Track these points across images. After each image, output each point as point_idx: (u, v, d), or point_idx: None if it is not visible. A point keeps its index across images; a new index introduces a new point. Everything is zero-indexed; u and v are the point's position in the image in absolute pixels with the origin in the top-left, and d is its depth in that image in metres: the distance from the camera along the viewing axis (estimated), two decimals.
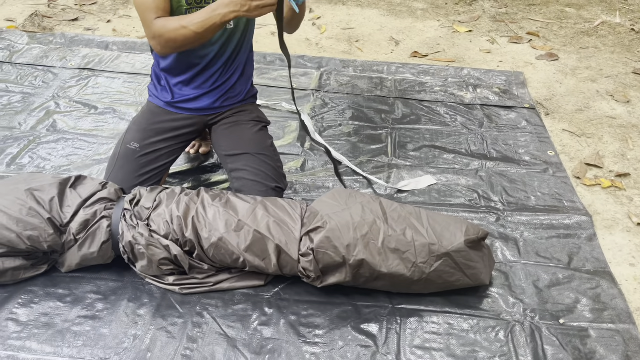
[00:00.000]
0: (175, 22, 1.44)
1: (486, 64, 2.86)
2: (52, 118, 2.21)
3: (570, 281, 1.58)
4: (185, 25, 1.42)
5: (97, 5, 3.30)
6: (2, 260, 1.45)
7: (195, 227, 1.45)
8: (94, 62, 2.62)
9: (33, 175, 1.54)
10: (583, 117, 2.41)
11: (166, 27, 1.45)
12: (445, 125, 2.30)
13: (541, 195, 1.91)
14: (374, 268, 1.42)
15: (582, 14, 3.45)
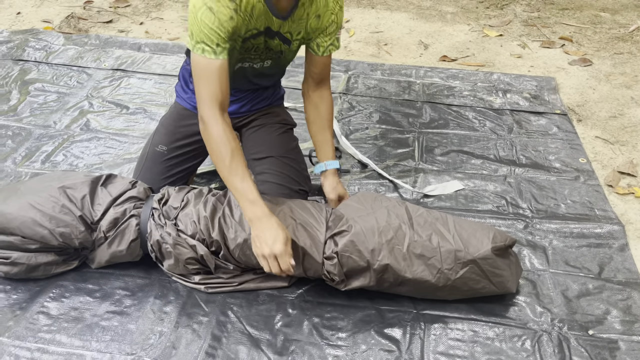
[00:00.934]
0: (226, 151, 1.35)
1: (517, 68, 2.82)
2: (85, 117, 2.27)
3: (601, 291, 1.54)
4: (228, 167, 1.34)
5: (130, 7, 3.38)
6: (35, 255, 1.49)
7: (221, 227, 1.46)
8: (126, 63, 2.67)
9: (66, 173, 1.58)
10: (617, 124, 2.35)
11: (218, 141, 1.35)
12: (474, 130, 2.27)
13: (571, 203, 1.87)
14: (398, 273, 1.41)
15: (616, 18, 3.37)
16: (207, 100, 1.37)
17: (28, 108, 2.32)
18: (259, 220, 1.32)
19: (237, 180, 1.34)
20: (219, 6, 1.32)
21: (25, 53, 2.73)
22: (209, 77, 1.36)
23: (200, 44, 1.35)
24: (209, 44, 1.34)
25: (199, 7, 1.32)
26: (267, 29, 1.47)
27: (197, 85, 1.39)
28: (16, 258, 1.47)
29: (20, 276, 1.50)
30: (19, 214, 1.44)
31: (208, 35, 1.33)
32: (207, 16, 1.32)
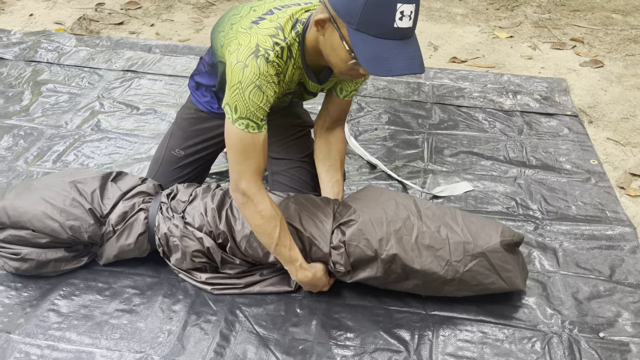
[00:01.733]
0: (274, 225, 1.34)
1: (527, 70, 2.81)
2: (96, 117, 2.28)
3: (612, 294, 1.53)
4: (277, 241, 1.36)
5: (141, 9, 3.40)
6: (44, 251, 1.50)
7: (228, 219, 1.47)
8: (137, 64, 2.69)
9: (78, 170, 1.60)
10: (628, 126, 2.33)
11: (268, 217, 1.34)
12: (483, 132, 2.26)
13: (582, 205, 1.85)
14: (406, 264, 1.40)
15: (628, 20, 3.35)
16: (250, 175, 1.32)
17: (40, 108, 2.34)
18: (310, 279, 1.43)
19: (286, 251, 1.38)
20: (267, 83, 1.25)
21: (37, 54, 2.76)
22: (252, 152, 1.30)
23: (245, 119, 1.27)
24: (255, 120, 1.28)
25: (246, 85, 1.24)
26: (300, 84, 1.44)
27: (238, 158, 1.31)
28: (26, 254, 1.49)
29: (30, 272, 1.51)
30: (31, 207, 1.46)
31: (254, 113, 1.27)
32: (256, 95, 1.25)
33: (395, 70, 1.14)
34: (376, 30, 1.13)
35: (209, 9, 3.43)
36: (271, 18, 1.31)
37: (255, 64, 1.24)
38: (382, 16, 1.11)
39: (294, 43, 1.30)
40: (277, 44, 1.27)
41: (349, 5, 1.13)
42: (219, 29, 1.46)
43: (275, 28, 1.29)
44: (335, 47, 1.21)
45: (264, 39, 1.27)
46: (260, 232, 1.37)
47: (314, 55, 1.33)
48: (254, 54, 1.24)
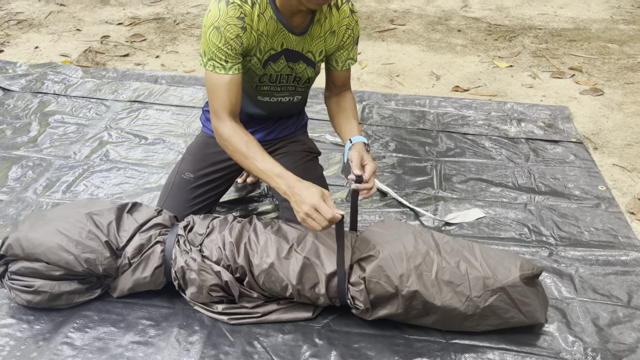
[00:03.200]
0: (241, 143, 1.42)
1: (529, 98, 2.85)
2: (104, 148, 2.28)
3: (631, 320, 1.52)
4: (246, 155, 1.41)
5: (146, 41, 3.44)
6: (58, 284, 1.48)
7: (247, 253, 1.45)
8: (143, 95, 2.71)
9: (92, 201, 1.58)
10: (633, 152, 2.36)
11: (230, 138, 1.43)
12: (491, 159, 2.28)
13: (595, 231, 1.86)
14: (427, 300, 1.39)
15: (624, 49, 3.43)
16: (217, 111, 1.45)
17: (48, 139, 2.34)
18: (292, 187, 1.36)
19: (259, 163, 1.40)
20: (226, 25, 1.38)
21: (44, 86, 2.77)
22: (218, 90, 1.43)
23: (210, 61, 1.42)
24: (218, 60, 1.41)
25: (208, 27, 1.39)
26: (286, 50, 1.49)
27: (210, 99, 1.47)
28: (39, 286, 1.46)
29: (43, 305, 1.49)
30: (45, 239, 1.44)
31: (216, 53, 1.40)
32: (214, 35, 1.39)
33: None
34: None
35: None
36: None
37: (217, 7, 1.38)
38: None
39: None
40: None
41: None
42: None
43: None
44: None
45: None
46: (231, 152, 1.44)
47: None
48: (217, 0, 1.38)
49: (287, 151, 1.72)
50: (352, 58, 1.60)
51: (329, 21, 1.50)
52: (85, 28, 3.64)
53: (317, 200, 1.31)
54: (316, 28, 1.49)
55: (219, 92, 1.44)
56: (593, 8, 4.16)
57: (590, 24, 3.83)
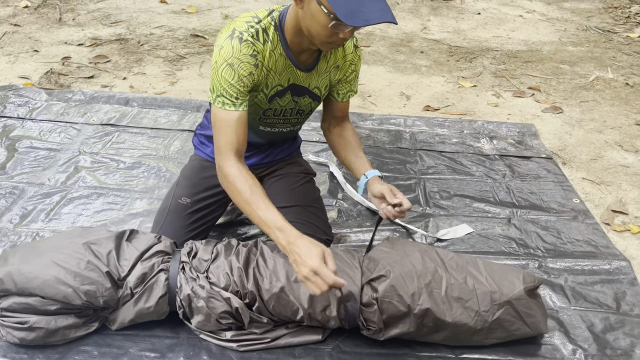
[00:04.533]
0: (245, 187, 1.34)
1: (496, 116, 2.97)
2: (80, 173, 2.19)
3: (623, 325, 1.59)
4: (249, 201, 1.33)
5: (111, 63, 3.35)
6: (54, 318, 1.40)
7: (256, 278, 1.43)
8: (115, 118, 2.63)
9: (87, 229, 1.51)
10: (598, 166, 2.50)
11: (235, 180, 1.36)
12: (470, 175, 2.36)
13: (576, 242, 1.95)
14: (438, 317, 1.41)
15: (576, 70, 3.65)
16: (222, 148, 1.40)
17: (18, 165, 2.22)
18: (292, 244, 1.26)
19: (261, 212, 1.32)
20: (239, 62, 1.36)
21: (6, 109, 2.64)
22: (226, 127, 1.40)
23: (220, 97, 1.39)
24: (229, 97, 1.38)
25: (220, 64, 1.36)
26: (292, 86, 1.50)
27: (216, 135, 1.42)
28: (34, 322, 1.38)
29: (38, 342, 1.40)
30: (41, 272, 1.36)
31: (227, 90, 1.38)
32: (227, 72, 1.36)
33: (371, 20, 1.23)
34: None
35: (180, 62, 3.43)
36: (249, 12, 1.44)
37: (230, 44, 1.36)
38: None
39: (270, 26, 1.40)
40: (252, 26, 1.38)
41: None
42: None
43: (252, 16, 1.41)
44: (315, 14, 1.28)
45: (241, 24, 1.38)
46: (233, 195, 1.37)
47: (295, 37, 1.41)
48: (229, 37, 1.36)
49: (283, 173, 1.72)
50: (353, 90, 1.63)
51: (334, 56, 1.53)
52: (44, 49, 3.50)
53: (317, 263, 1.21)
54: (322, 64, 1.51)
55: (227, 130, 1.39)
56: (541, 31, 4.41)
57: (542, 46, 4.06)
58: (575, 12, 4.90)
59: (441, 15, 4.64)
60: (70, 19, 4.04)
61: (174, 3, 4.52)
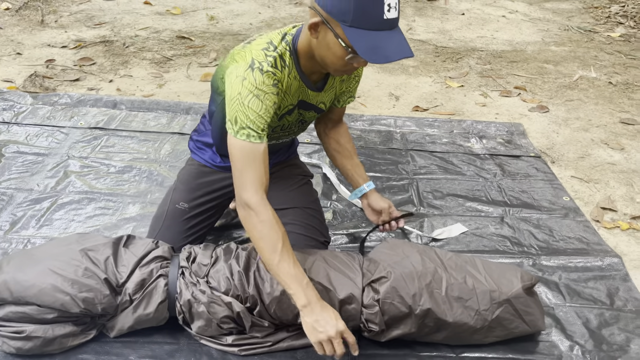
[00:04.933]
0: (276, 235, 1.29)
1: (484, 116, 3.00)
2: (70, 178, 2.16)
3: (617, 321, 1.62)
4: (276, 250, 1.28)
5: (96, 65, 3.30)
6: (51, 327, 1.37)
7: (257, 282, 1.42)
8: (104, 121, 2.59)
9: (83, 236, 1.49)
10: (586, 164, 2.54)
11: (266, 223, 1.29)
12: (462, 175, 2.38)
13: (568, 239, 1.98)
14: (439, 317, 1.42)
15: (560, 69, 3.70)
16: (252, 185, 1.31)
17: (5, 171, 2.18)
18: (315, 304, 1.28)
19: (290, 266, 1.29)
20: (265, 93, 1.31)
21: None
22: (254, 162, 1.31)
23: (246, 129, 1.31)
24: (255, 129, 1.31)
25: (245, 95, 1.30)
26: (300, 102, 1.49)
27: (241, 170, 1.32)
28: (31, 331, 1.35)
29: (34, 352, 1.37)
30: (37, 280, 1.34)
31: (255, 122, 1.31)
32: (254, 103, 1.30)
33: (391, 56, 1.22)
34: (368, 24, 1.21)
35: (167, 64, 3.40)
36: (261, 36, 1.40)
37: (252, 76, 1.31)
38: (372, 10, 1.20)
39: (285, 52, 1.37)
40: (270, 55, 1.34)
41: (341, 5, 1.21)
42: (219, 68, 1.50)
43: (267, 42, 1.37)
44: (331, 46, 1.27)
45: (257, 53, 1.34)
46: (262, 245, 1.30)
47: (307, 61, 1.39)
48: (250, 67, 1.31)
49: (281, 175, 1.71)
50: (353, 96, 1.64)
51: None
52: (27, 52, 3.44)
53: (343, 327, 1.27)
54: (330, 81, 1.51)
55: (255, 165, 1.31)
56: (525, 31, 4.47)
57: (526, 46, 4.11)
58: (557, 12, 4.97)
59: (426, 16, 4.68)
60: (52, 20, 3.98)
61: (159, 4, 4.48)
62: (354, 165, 1.68)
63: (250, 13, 4.45)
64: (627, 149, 2.69)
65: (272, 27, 4.15)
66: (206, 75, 3.24)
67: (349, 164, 1.68)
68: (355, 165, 1.68)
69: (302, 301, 1.27)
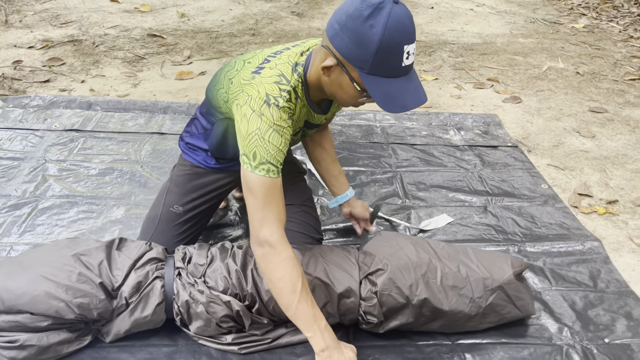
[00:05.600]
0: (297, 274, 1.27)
1: (460, 108, 3.06)
2: (49, 182, 2.10)
3: (602, 302, 1.69)
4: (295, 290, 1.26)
5: (66, 65, 3.22)
6: (45, 335, 1.34)
7: (254, 279, 1.42)
8: (79, 123, 2.53)
9: (74, 240, 1.46)
10: (560, 152, 2.62)
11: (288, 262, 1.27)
12: (443, 166, 2.42)
13: (550, 225, 2.04)
14: (435, 306, 1.45)
15: (529, 60, 3.80)
16: (273, 222, 1.27)
17: None
18: (333, 349, 1.28)
19: (309, 306, 1.28)
20: (283, 128, 1.29)
21: None
22: (273, 197, 1.28)
23: (266, 164, 1.27)
24: (275, 164, 1.28)
25: (265, 130, 1.26)
26: (306, 123, 1.50)
27: (261, 207, 1.27)
28: (25, 340, 1.32)
29: None
30: (29, 288, 1.30)
31: (275, 156, 1.28)
32: (275, 138, 1.27)
33: (408, 105, 1.22)
34: (387, 72, 1.20)
35: (139, 63, 3.33)
36: (270, 66, 1.36)
37: (269, 112, 1.28)
38: (392, 59, 1.19)
39: (298, 84, 1.35)
40: (284, 89, 1.31)
41: (360, 53, 1.18)
42: (217, 86, 1.46)
43: (278, 75, 1.33)
44: (344, 87, 1.27)
45: (271, 87, 1.30)
46: (282, 285, 1.27)
47: (316, 91, 1.39)
48: (265, 103, 1.28)
49: None
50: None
51: None
52: None
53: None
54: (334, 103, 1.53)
55: (275, 200, 1.28)
56: (493, 24, 4.56)
57: (495, 39, 4.20)
58: (522, 4, 5.09)
59: None
60: (17, 20, 3.85)
61: (126, 2, 4.39)
62: (337, 173, 1.69)
63: (221, 10, 4.40)
64: (597, 137, 2.78)
65: (243, 24, 4.11)
66: (181, 74, 3.19)
67: (333, 171, 1.70)
68: (338, 172, 1.70)
69: (320, 346, 1.28)
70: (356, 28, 1.16)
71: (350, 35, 1.17)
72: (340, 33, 1.19)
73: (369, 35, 1.15)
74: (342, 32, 1.18)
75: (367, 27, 1.14)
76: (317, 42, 1.41)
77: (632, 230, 2.06)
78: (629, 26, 4.57)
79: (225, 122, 1.47)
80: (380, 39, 1.14)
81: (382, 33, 1.14)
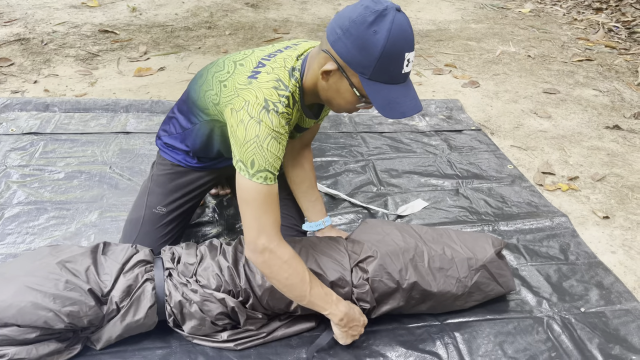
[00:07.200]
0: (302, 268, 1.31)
1: (422, 94, 3.12)
2: (12, 189, 2.01)
3: (574, 274, 1.78)
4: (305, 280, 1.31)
5: (15, 66, 3.06)
6: (34, 347, 1.30)
7: (247, 275, 1.42)
8: (37, 126, 2.43)
9: (56, 247, 1.41)
10: (521, 133, 2.73)
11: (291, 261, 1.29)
12: (413, 152, 2.47)
13: (519, 204, 2.13)
14: (424, 289, 1.49)
15: (482, 45, 3.91)
16: (271, 229, 1.28)
17: None
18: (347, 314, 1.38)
19: (319, 288, 1.34)
20: (281, 134, 1.27)
21: None
22: (271, 205, 1.27)
23: (263, 172, 1.25)
24: (273, 171, 1.27)
25: (264, 138, 1.24)
26: (296, 126, 1.49)
27: (258, 215, 1.27)
28: (14, 354, 1.27)
29: None
30: (15, 300, 1.25)
31: (273, 164, 1.27)
32: (273, 145, 1.26)
33: (407, 112, 1.23)
34: (387, 78, 1.21)
35: (94, 61, 3.22)
36: (266, 70, 1.33)
37: (268, 119, 1.26)
38: (393, 65, 1.19)
39: (295, 90, 1.34)
40: (282, 94, 1.30)
41: (362, 58, 1.18)
42: (204, 87, 1.42)
43: (276, 80, 1.31)
44: (342, 92, 1.27)
45: (270, 93, 1.28)
46: (291, 282, 1.29)
47: (311, 96, 1.38)
48: (264, 109, 1.26)
49: None
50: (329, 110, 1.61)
51: None
52: None
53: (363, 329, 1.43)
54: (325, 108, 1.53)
55: (272, 207, 1.27)
56: (444, 11, 4.66)
57: (448, 25, 4.30)
58: None
59: (351, 0, 4.74)
60: None
61: None
62: (316, 199, 1.66)
63: (173, 2, 4.29)
64: (553, 117, 2.91)
65: (198, 17, 4.03)
66: (140, 70, 3.10)
67: (311, 196, 1.66)
68: (315, 199, 1.67)
69: (338, 317, 1.37)
70: (360, 33, 1.16)
71: (354, 40, 1.17)
72: (342, 38, 1.18)
73: (372, 41, 1.15)
74: (345, 37, 1.18)
75: (371, 32, 1.15)
76: (310, 45, 1.40)
77: (594, 205, 2.18)
78: (572, 9, 4.78)
79: (211, 124, 1.44)
80: (384, 45, 1.15)
81: (385, 39, 1.14)
